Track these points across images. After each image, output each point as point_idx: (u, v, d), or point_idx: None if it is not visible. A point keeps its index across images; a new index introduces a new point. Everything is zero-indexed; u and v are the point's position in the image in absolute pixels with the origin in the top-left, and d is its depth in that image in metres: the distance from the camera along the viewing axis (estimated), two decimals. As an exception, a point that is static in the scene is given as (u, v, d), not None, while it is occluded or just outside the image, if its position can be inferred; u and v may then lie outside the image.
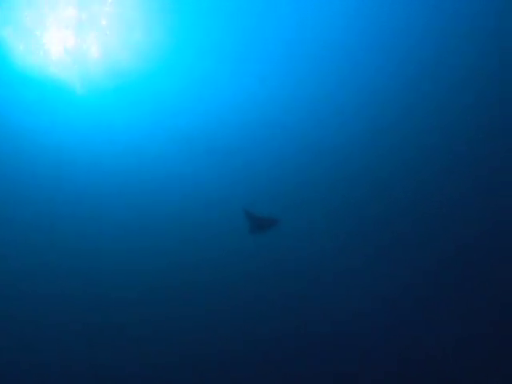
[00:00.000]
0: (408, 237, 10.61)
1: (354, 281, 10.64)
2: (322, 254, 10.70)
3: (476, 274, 10.34)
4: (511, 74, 9.99)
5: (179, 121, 9.86)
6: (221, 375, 10.95)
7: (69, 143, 9.77)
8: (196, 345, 10.99)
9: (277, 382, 10.77)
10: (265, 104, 10.19)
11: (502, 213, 10.33)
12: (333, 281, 10.66)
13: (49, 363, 11.00)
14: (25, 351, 11.01)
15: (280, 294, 10.89)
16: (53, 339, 11.01)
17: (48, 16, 8.11)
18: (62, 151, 9.85)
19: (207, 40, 9.25)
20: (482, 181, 10.39)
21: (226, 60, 9.62)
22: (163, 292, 11.00)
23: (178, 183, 10.53)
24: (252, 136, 10.40)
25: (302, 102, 10.18)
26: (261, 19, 9.30)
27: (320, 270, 10.76)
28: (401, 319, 10.57)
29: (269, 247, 10.62)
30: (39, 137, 9.63)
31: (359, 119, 10.38)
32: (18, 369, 10.95)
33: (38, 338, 11.01)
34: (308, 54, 9.79)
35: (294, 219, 10.54)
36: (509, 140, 10.28)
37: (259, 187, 10.59)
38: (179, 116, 9.83)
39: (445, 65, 10.01)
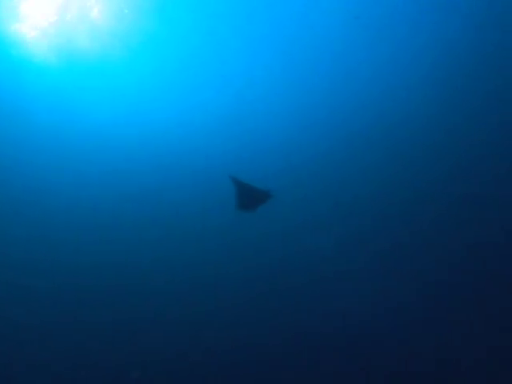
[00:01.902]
0: (422, 235, 10.48)
1: (365, 279, 10.47)
2: (333, 251, 10.57)
3: (491, 274, 10.10)
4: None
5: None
6: (230, 373, 10.65)
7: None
8: (205, 340, 10.78)
9: (288, 380, 10.45)
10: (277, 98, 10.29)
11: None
12: (344, 277, 10.51)
13: (55, 355, 10.87)
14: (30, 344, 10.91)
15: (290, 291, 10.73)
16: (59, 334, 10.93)
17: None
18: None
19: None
20: (496, 181, 10.29)
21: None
22: (169, 286, 10.94)
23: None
24: (263, 130, 10.48)
25: (315, 94, 10.24)
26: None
27: (331, 267, 10.61)
28: (412, 319, 10.31)
29: (280, 243, 10.53)
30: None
31: (370, 116, 10.43)
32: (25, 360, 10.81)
33: (45, 333, 10.93)
34: (319, 45, 9.86)
35: (305, 215, 10.49)
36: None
37: (269, 181, 10.53)
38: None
39: (457, 63, 10.06)
